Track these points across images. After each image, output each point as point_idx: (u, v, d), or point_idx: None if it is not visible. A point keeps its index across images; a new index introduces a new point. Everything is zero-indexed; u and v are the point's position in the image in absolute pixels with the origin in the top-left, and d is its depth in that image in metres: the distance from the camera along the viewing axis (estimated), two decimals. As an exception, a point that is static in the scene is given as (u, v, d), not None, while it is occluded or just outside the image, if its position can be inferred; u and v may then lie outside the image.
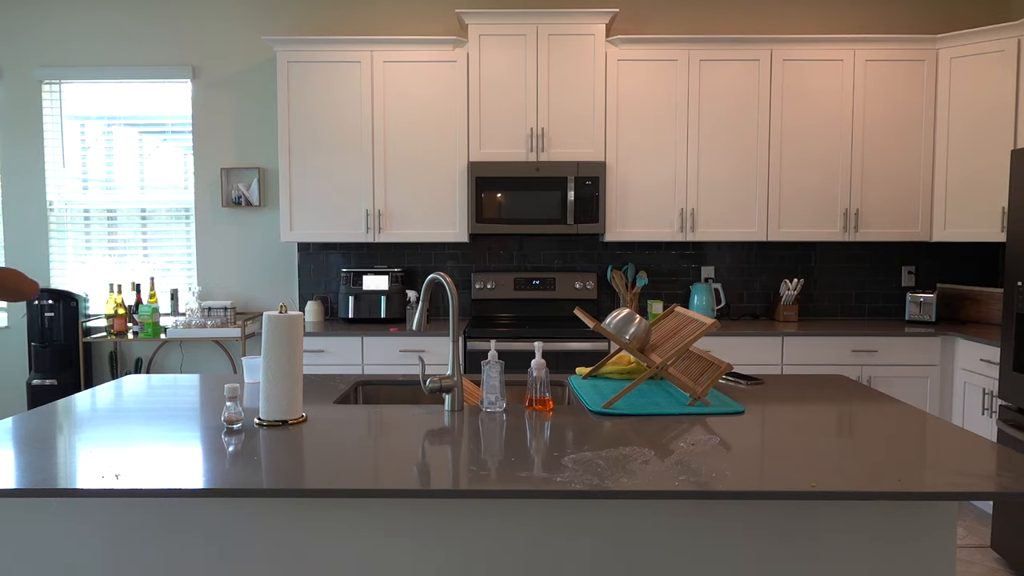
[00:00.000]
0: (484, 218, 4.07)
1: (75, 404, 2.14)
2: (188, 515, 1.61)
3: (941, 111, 4.09)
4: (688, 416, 1.97)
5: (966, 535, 3.41)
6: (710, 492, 1.40)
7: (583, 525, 1.60)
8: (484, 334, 3.89)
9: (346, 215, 4.17)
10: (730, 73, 4.11)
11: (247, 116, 4.48)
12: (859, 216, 4.15)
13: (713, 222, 4.16)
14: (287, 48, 4.09)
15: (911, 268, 4.49)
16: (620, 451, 1.65)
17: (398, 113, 4.13)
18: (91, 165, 4.55)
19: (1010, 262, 3.15)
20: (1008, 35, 3.82)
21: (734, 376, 2.48)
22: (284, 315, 1.86)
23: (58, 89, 4.48)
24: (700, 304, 4.29)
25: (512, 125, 4.10)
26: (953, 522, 1.60)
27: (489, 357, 1.98)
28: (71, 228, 4.55)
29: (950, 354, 3.90)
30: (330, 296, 4.52)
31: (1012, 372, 3.13)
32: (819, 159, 4.14)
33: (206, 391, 2.33)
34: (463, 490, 1.42)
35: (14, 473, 1.50)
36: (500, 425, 1.88)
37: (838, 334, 3.92)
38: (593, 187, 4.05)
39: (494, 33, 4.06)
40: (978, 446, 1.69)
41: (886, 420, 1.94)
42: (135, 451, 1.66)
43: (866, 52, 4.09)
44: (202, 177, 4.50)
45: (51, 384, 4.19)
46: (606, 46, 4.08)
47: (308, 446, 1.69)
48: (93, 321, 4.37)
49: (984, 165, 3.94)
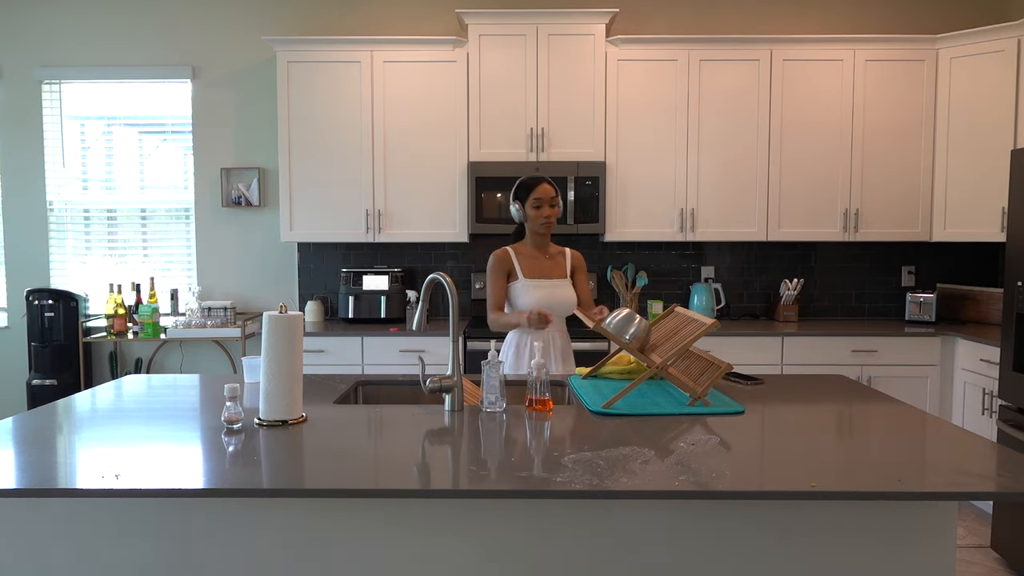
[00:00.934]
0: (484, 218, 4.07)
1: (75, 404, 2.14)
2: (188, 515, 1.60)
3: (941, 111, 4.09)
4: (688, 416, 1.97)
5: (966, 535, 3.41)
6: (710, 492, 1.40)
7: (583, 525, 1.60)
8: (484, 334, 3.89)
9: (346, 215, 4.17)
10: (730, 73, 4.11)
11: (247, 116, 4.48)
12: (859, 216, 4.15)
13: (713, 222, 4.16)
14: (287, 48, 4.09)
15: (911, 268, 4.49)
16: (620, 451, 1.65)
17: (398, 113, 4.13)
18: (91, 165, 4.55)
19: (1010, 262, 3.15)
20: (1008, 35, 3.82)
21: (734, 376, 2.48)
22: (284, 315, 1.86)
23: (58, 89, 4.48)
24: (700, 304, 4.29)
25: (512, 125, 4.10)
26: (953, 522, 1.60)
27: (489, 357, 1.98)
28: (71, 228, 4.55)
29: (950, 354, 3.90)
30: (330, 296, 4.52)
31: (1012, 372, 3.13)
32: (819, 159, 4.14)
33: (206, 391, 2.33)
34: (463, 490, 1.42)
35: (14, 473, 1.50)
36: (500, 425, 1.88)
37: (838, 334, 3.92)
38: (593, 187, 4.05)
39: (494, 33, 4.06)
40: (978, 446, 1.69)
41: (886, 420, 1.94)
42: (135, 451, 1.66)
43: (866, 52, 4.09)
44: (202, 177, 4.50)
45: (51, 384, 4.19)
46: (606, 46, 4.08)
47: (308, 446, 1.69)
48: (93, 321, 4.37)
49: (984, 165, 3.94)
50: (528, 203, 2.78)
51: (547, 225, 2.79)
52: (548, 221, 2.79)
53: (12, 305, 4.56)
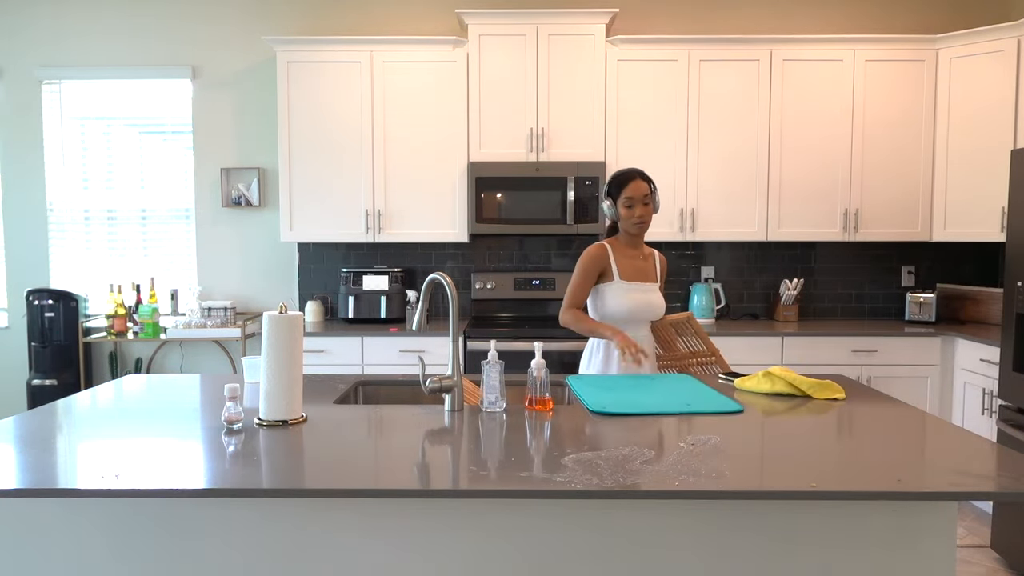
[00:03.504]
0: (484, 218, 4.07)
1: (75, 404, 2.14)
2: (188, 515, 1.60)
3: (941, 111, 4.09)
4: (688, 416, 1.97)
5: (966, 535, 3.41)
6: (710, 492, 1.40)
7: (583, 525, 1.60)
8: (484, 334, 3.89)
9: (346, 215, 4.17)
10: (730, 73, 4.11)
11: (247, 116, 4.48)
12: (859, 216, 4.15)
13: (713, 222, 4.16)
14: (287, 48, 4.09)
15: (911, 268, 4.49)
16: (620, 451, 1.65)
17: (398, 113, 4.13)
18: (91, 165, 4.55)
19: (1010, 262, 3.15)
20: (1008, 35, 3.82)
21: (734, 376, 2.48)
22: (284, 315, 1.86)
23: (58, 89, 4.48)
24: (700, 304, 4.29)
25: (512, 125, 4.10)
26: (953, 522, 1.60)
27: (489, 357, 1.98)
28: (71, 228, 4.55)
29: (950, 354, 3.90)
30: (330, 296, 4.52)
31: (1012, 372, 3.13)
32: (819, 159, 4.14)
33: (206, 391, 2.32)
34: (463, 490, 1.42)
35: (14, 473, 1.50)
36: (500, 425, 1.88)
37: (838, 334, 3.92)
38: (593, 187, 4.05)
39: (494, 33, 4.06)
40: (978, 446, 1.69)
41: (886, 420, 1.94)
42: (135, 451, 1.66)
43: (866, 52, 4.09)
44: (202, 177, 4.50)
45: (51, 384, 4.19)
46: (606, 46, 4.08)
47: (308, 446, 1.69)
48: (93, 321, 4.37)
49: (984, 165, 3.94)
50: (620, 201, 2.58)
51: (640, 226, 2.59)
52: (642, 221, 2.58)
53: (12, 305, 4.56)
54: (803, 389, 2.20)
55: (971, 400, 3.72)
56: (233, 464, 1.55)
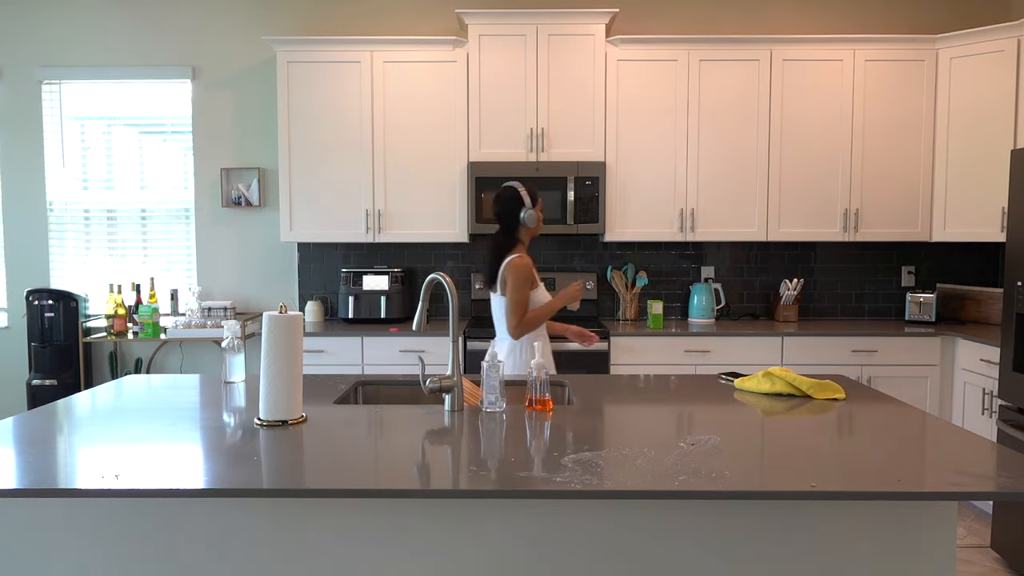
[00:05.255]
0: (484, 218, 4.07)
1: (75, 404, 2.14)
2: (188, 515, 1.61)
3: (941, 111, 4.09)
4: (688, 416, 1.97)
5: (966, 535, 3.41)
6: (710, 492, 1.40)
7: (583, 525, 1.60)
8: (484, 334, 3.89)
9: (346, 215, 4.17)
10: (730, 73, 4.11)
11: (247, 116, 4.48)
12: (859, 216, 4.15)
13: (713, 222, 4.16)
14: (287, 48, 4.09)
15: (911, 268, 4.49)
16: (620, 451, 1.65)
17: (398, 113, 4.13)
18: (91, 165, 4.55)
19: (1010, 262, 3.15)
20: (1008, 35, 3.82)
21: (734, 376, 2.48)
22: (284, 315, 1.86)
23: (58, 89, 4.48)
24: (700, 304, 4.29)
25: (512, 125, 4.10)
26: (953, 522, 1.60)
27: (488, 357, 1.98)
28: (71, 228, 4.55)
29: (950, 354, 3.90)
30: (330, 296, 4.52)
31: (1012, 372, 3.13)
32: (819, 159, 4.14)
33: (206, 391, 2.33)
34: (463, 490, 1.42)
35: (14, 473, 1.50)
36: (500, 425, 1.88)
37: (838, 334, 3.92)
38: (593, 187, 4.05)
39: (494, 33, 4.06)
40: (978, 446, 1.69)
41: (886, 420, 1.94)
42: (135, 451, 1.66)
43: (866, 52, 4.09)
44: (202, 177, 4.50)
45: (51, 384, 4.19)
46: (606, 46, 4.08)
47: (308, 446, 1.69)
48: (93, 321, 4.37)
49: (984, 165, 3.94)
50: (537, 207, 2.85)
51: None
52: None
53: (12, 305, 4.56)
54: (803, 389, 2.20)
55: (971, 400, 3.72)
56: (233, 464, 1.55)
